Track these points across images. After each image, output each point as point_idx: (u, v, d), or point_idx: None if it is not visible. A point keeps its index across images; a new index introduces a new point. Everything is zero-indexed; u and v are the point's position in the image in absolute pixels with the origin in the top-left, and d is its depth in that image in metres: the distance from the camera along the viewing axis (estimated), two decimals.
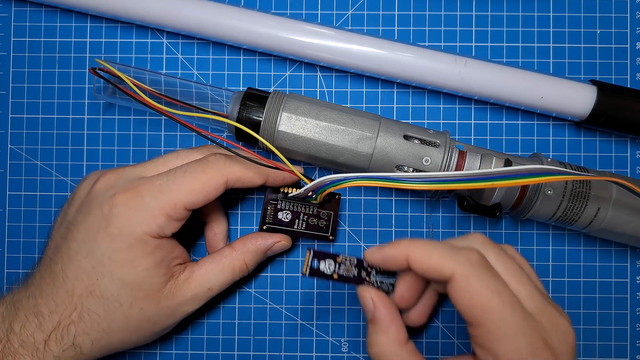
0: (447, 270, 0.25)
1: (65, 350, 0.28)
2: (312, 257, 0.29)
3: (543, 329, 0.25)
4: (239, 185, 0.30)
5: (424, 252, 0.26)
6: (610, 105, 0.33)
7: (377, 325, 0.28)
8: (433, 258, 0.25)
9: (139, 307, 0.29)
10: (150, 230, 0.28)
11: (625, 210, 0.31)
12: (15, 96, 0.37)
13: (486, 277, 0.25)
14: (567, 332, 0.25)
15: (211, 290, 0.31)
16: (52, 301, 0.28)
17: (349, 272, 0.29)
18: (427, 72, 0.34)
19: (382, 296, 0.28)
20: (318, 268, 0.29)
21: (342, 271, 0.29)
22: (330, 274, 0.29)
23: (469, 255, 0.25)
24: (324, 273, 0.29)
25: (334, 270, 0.29)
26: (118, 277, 0.28)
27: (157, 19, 0.34)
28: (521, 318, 0.24)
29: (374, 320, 0.28)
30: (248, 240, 0.32)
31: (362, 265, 0.29)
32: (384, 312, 0.28)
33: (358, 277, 0.29)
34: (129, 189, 0.29)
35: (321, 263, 0.29)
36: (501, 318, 0.24)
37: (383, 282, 0.29)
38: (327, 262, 0.29)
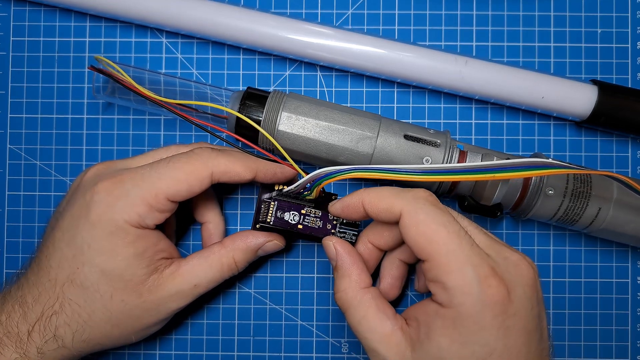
0: (396, 208, 0.26)
1: (47, 341, 0.28)
2: (276, 207, 0.30)
3: (492, 260, 0.25)
4: (226, 179, 0.29)
5: (376, 195, 0.27)
6: (611, 105, 0.33)
7: (340, 270, 0.28)
8: (384, 199, 0.27)
9: (120, 299, 0.28)
10: (130, 219, 0.28)
11: (626, 210, 0.31)
12: (14, 96, 0.37)
13: (433, 210, 0.25)
14: (520, 265, 0.25)
15: (197, 287, 0.30)
16: (36, 290, 0.28)
17: (314, 224, 0.31)
18: (427, 72, 0.33)
19: (345, 244, 0.29)
20: (282, 217, 0.30)
21: (307, 222, 0.31)
22: (295, 224, 0.31)
23: (416, 193, 0.26)
24: (289, 222, 0.30)
25: (298, 221, 0.31)
26: (97, 265, 0.28)
27: (157, 19, 0.34)
28: (468, 249, 0.24)
29: (337, 267, 0.29)
30: (238, 238, 0.31)
31: (327, 219, 0.31)
32: (346, 258, 0.29)
33: (323, 228, 0.31)
34: (112, 177, 0.29)
35: (286, 213, 0.30)
36: (448, 249, 0.24)
37: (346, 232, 0.31)
38: (292, 214, 0.31)
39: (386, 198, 0.27)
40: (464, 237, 0.25)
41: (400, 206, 0.26)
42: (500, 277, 0.24)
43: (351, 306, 0.27)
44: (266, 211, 0.31)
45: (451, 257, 0.24)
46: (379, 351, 0.26)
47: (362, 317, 0.27)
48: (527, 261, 0.26)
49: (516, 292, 0.24)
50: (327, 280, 0.36)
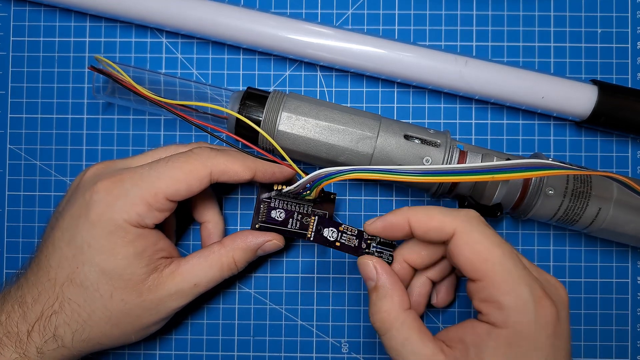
0: (448, 228, 0.26)
1: (46, 341, 0.28)
2: (317, 222, 0.30)
3: (540, 281, 0.26)
4: (225, 179, 0.29)
5: (425, 214, 0.27)
6: (611, 105, 0.33)
7: (381, 291, 0.28)
8: (434, 218, 0.27)
9: (120, 298, 0.28)
10: (129, 218, 0.28)
11: (626, 210, 0.31)
12: (14, 96, 0.37)
13: (487, 230, 0.26)
14: (558, 286, 0.27)
15: (197, 286, 0.30)
16: (35, 289, 0.28)
17: (350, 242, 0.30)
18: (427, 72, 0.33)
19: (384, 263, 0.29)
20: (322, 234, 0.30)
21: (344, 240, 0.30)
22: (333, 241, 0.30)
23: (468, 213, 0.27)
24: (328, 239, 0.30)
25: (336, 238, 0.30)
26: (97, 264, 0.28)
27: (157, 19, 0.34)
28: (522, 268, 0.25)
29: (377, 287, 0.28)
30: (238, 237, 0.31)
31: (362, 237, 0.30)
32: (387, 278, 0.28)
33: (358, 247, 0.30)
34: (111, 177, 0.29)
35: (325, 230, 0.30)
36: (504, 268, 0.25)
37: (383, 252, 0.30)
38: (331, 230, 0.30)
39: (436, 216, 0.27)
40: (517, 257, 0.25)
41: (453, 225, 0.26)
42: (551, 299, 0.25)
43: (393, 328, 0.27)
44: (265, 211, 0.31)
45: (507, 277, 0.25)
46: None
47: (405, 339, 0.26)
48: (562, 284, 0.27)
49: (561, 314, 0.25)
50: (327, 280, 0.36)
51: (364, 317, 0.36)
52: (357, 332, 0.36)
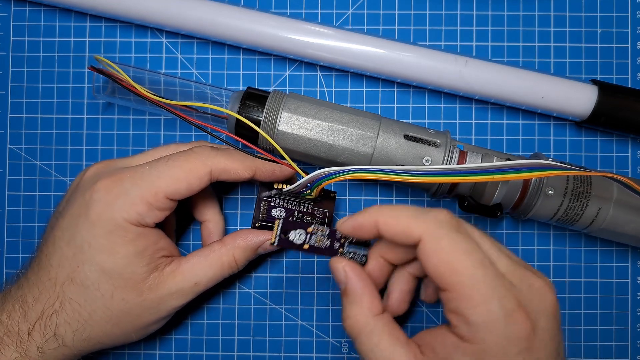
0: (415, 232, 0.24)
1: (47, 340, 0.28)
2: (281, 224, 0.28)
3: (517, 289, 0.24)
4: (225, 178, 0.29)
5: (392, 215, 0.25)
6: (611, 105, 0.33)
7: (350, 296, 0.27)
8: (401, 220, 0.25)
9: (121, 297, 0.28)
10: (129, 217, 0.28)
11: (626, 210, 0.31)
12: (14, 96, 0.37)
13: (456, 237, 0.24)
14: (543, 290, 0.24)
15: (198, 285, 0.30)
16: (36, 289, 0.28)
17: (321, 243, 0.29)
18: (427, 72, 0.33)
19: (355, 266, 0.28)
20: (287, 238, 0.28)
21: (313, 242, 0.29)
22: (301, 244, 0.28)
23: (437, 215, 0.24)
24: (294, 243, 0.28)
25: (304, 241, 0.28)
26: (97, 264, 0.28)
27: (157, 19, 0.34)
28: (493, 278, 0.23)
29: (347, 291, 0.27)
30: (238, 236, 0.31)
31: (335, 237, 0.29)
32: (357, 283, 0.27)
33: (330, 248, 0.29)
34: (111, 176, 0.29)
35: (291, 233, 0.28)
36: (473, 279, 0.23)
37: (356, 252, 0.29)
38: (298, 232, 0.28)
39: (403, 219, 0.25)
40: (488, 266, 0.23)
41: (420, 230, 0.24)
42: (525, 312, 0.23)
43: (362, 334, 0.26)
44: (266, 210, 0.31)
45: (475, 289, 0.23)
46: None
47: (374, 346, 0.25)
48: (550, 286, 0.25)
49: (540, 325, 0.23)
50: (327, 280, 0.36)
51: None
52: None
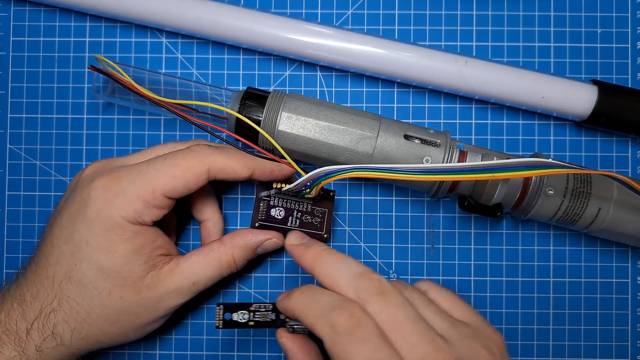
0: (318, 334, 0.25)
1: (45, 339, 0.28)
2: (222, 311, 0.29)
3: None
4: (222, 177, 0.29)
5: (303, 311, 0.26)
6: (611, 105, 0.33)
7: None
8: (308, 318, 0.26)
9: (118, 296, 0.28)
10: (127, 215, 0.28)
11: (626, 210, 0.31)
12: (14, 96, 0.37)
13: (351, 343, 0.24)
14: None
15: (196, 284, 0.30)
16: (34, 287, 0.28)
17: (266, 317, 0.30)
18: (427, 72, 0.33)
19: (295, 340, 0.29)
20: (231, 319, 0.30)
21: (258, 317, 0.30)
22: (246, 322, 0.30)
23: (336, 319, 0.24)
24: (239, 322, 0.30)
25: (249, 319, 0.30)
26: (95, 262, 0.28)
27: (157, 19, 0.34)
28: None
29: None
30: (237, 235, 0.31)
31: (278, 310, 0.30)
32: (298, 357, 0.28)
33: (277, 319, 0.30)
34: (109, 174, 0.29)
35: (234, 315, 0.30)
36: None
37: (299, 324, 0.29)
38: (241, 313, 0.30)
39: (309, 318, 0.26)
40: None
41: (320, 333, 0.25)
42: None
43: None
44: (265, 210, 0.31)
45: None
46: None
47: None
48: None
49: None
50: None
51: None
52: None
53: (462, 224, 0.36)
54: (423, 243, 0.36)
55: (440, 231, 0.36)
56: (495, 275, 0.36)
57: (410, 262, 0.36)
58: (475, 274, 0.36)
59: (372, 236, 0.36)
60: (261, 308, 0.30)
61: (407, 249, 0.36)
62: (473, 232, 0.36)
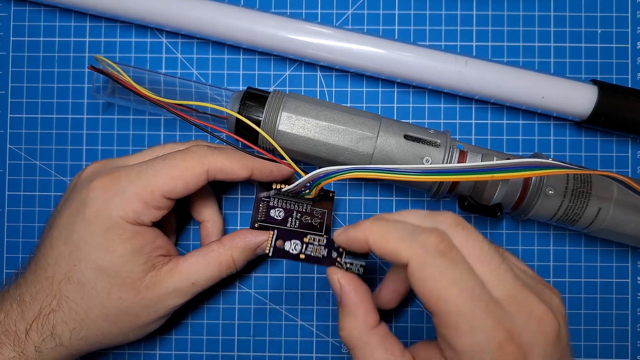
0: (402, 256, 0.24)
1: (44, 339, 0.28)
2: (275, 236, 0.28)
3: (511, 320, 0.22)
4: (222, 177, 0.29)
5: (382, 235, 0.25)
6: (611, 105, 0.33)
7: (345, 308, 0.27)
8: (390, 242, 0.24)
9: (117, 296, 0.28)
10: (126, 215, 0.28)
11: (626, 210, 0.31)
12: (14, 96, 0.37)
13: (443, 263, 0.23)
14: (544, 319, 0.23)
15: (196, 285, 0.30)
16: (33, 288, 0.28)
17: (318, 253, 0.29)
18: (427, 72, 0.33)
19: (350, 278, 0.27)
20: (283, 248, 0.29)
21: (309, 251, 0.28)
22: (297, 254, 0.29)
23: (426, 240, 0.23)
24: (290, 253, 0.28)
25: (300, 251, 0.29)
26: (94, 262, 0.28)
27: (157, 19, 0.34)
28: (482, 310, 0.22)
29: (342, 303, 0.27)
30: (237, 236, 0.31)
31: (332, 246, 0.29)
32: (352, 296, 0.27)
33: (328, 257, 0.29)
34: (108, 174, 0.29)
35: (286, 243, 0.29)
36: (458, 310, 0.22)
37: (353, 263, 0.28)
38: (294, 242, 0.29)
39: (392, 242, 0.24)
40: (478, 295, 0.22)
41: (406, 255, 0.23)
42: (517, 342, 0.22)
43: (356, 347, 0.26)
44: (264, 210, 0.31)
45: (461, 320, 0.22)
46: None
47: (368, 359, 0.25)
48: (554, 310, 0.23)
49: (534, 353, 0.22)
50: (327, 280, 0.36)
51: None
52: None
53: None
54: None
55: None
56: None
57: None
58: None
59: None
60: (315, 241, 0.29)
61: None
62: None
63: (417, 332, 0.35)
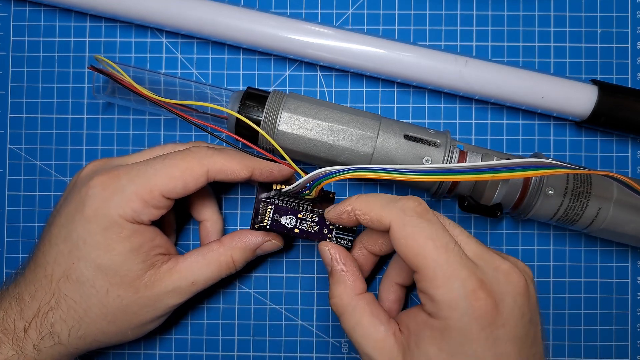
0: (385, 220, 0.26)
1: (43, 338, 0.28)
2: (273, 210, 0.31)
3: (481, 271, 0.25)
4: (222, 178, 0.29)
5: (367, 204, 0.27)
6: (611, 105, 0.33)
7: (335, 276, 0.29)
8: (374, 209, 0.27)
9: (116, 294, 0.28)
10: (125, 214, 0.28)
11: (626, 210, 0.31)
12: (14, 96, 0.37)
13: (420, 223, 0.25)
14: (511, 272, 0.26)
15: (195, 284, 0.30)
16: (32, 286, 0.28)
17: (311, 228, 0.31)
18: (427, 72, 0.33)
19: (340, 249, 0.30)
20: (279, 221, 0.31)
21: (304, 226, 0.31)
22: (292, 228, 0.31)
23: (405, 204, 0.26)
24: (285, 226, 0.31)
25: (295, 225, 0.31)
26: (93, 260, 0.28)
27: (157, 19, 0.34)
28: (456, 262, 0.25)
29: (332, 272, 0.29)
30: (237, 237, 0.31)
31: (324, 223, 0.31)
32: (341, 264, 0.29)
33: (319, 233, 0.31)
34: (108, 173, 0.29)
35: (282, 217, 0.31)
36: (435, 262, 0.24)
37: (342, 238, 0.31)
38: (289, 217, 0.31)
39: (375, 209, 0.27)
40: (452, 249, 0.25)
41: (388, 218, 0.26)
42: (488, 290, 0.24)
43: (346, 312, 0.28)
44: (264, 211, 0.31)
45: (438, 271, 0.24)
46: (372, 356, 0.26)
47: (356, 323, 0.27)
48: (519, 268, 0.26)
49: (505, 303, 0.25)
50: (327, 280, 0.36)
51: None
52: None
53: (462, 224, 0.36)
54: None
55: None
56: None
57: None
58: None
59: None
60: (308, 217, 0.31)
61: None
62: (473, 232, 0.36)
63: None
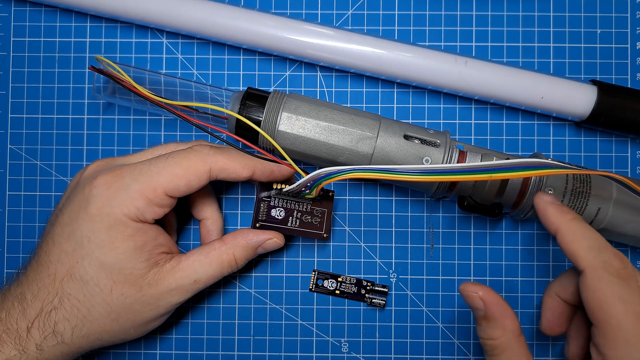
0: (581, 264, 0.26)
1: (46, 337, 0.28)
2: (316, 276, 0.35)
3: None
4: (223, 176, 0.30)
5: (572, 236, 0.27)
6: (610, 105, 0.33)
7: (492, 321, 0.28)
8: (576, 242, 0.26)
9: (120, 292, 0.28)
10: (129, 212, 0.28)
11: (625, 210, 0.31)
12: (14, 96, 0.37)
13: (617, 283, 0.25)
14: None
15: (197, 282, 0.30)
16: (35, 286, 0.28)
17: (349, 289, 0.35)
18: (427, 72, 0.34)
19: (490, 292, 0.28)
20: (322, 285, 0.35)
21: (343, 288, 0.35)
22: (333, 290, 0.35)
23: (611, 260, 0.25)
24: (327, 289, 0.35)
25: (335, 287, 0.35)
26: (97, 259, 0.28)
27: (157, 19, 0.34)
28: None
29: (487, 317, 0.28)
30: (239, 235, 0.31)
31: (361, 284, 0.35)
32: (497, 309, 0.28)
33: (357, 293, 0.35)
34: (111, 172, 0.29)
35: (325, 282, 0.35)
36: (619, 324, 0.24)
37: (375, 298, 0.35)
38: (330, 281, 0.35)
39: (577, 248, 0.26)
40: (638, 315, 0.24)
41: (585, 264, 0.26)
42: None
43: (504, 353, 0.27)
44: (265, 210, 0.31)
45: (620, 335, 0.24)
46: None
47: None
48: None
49: None
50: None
51: (364, 317, 0.36)
52: (357, 331, 0.36)
53: (461, 224, 0.36)
54: (423, 243, 0.36)
55: (440, 231, 0.36)
56: (494, 275, 0.36)
57: (410, 261, 0.36)
58: (475, 273, 0.36)
59: (371, 236, 0.36)
60: (347, 280, 0.35)
61: (406, 249, 0.36)
62: (473, 232, 0.36)
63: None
